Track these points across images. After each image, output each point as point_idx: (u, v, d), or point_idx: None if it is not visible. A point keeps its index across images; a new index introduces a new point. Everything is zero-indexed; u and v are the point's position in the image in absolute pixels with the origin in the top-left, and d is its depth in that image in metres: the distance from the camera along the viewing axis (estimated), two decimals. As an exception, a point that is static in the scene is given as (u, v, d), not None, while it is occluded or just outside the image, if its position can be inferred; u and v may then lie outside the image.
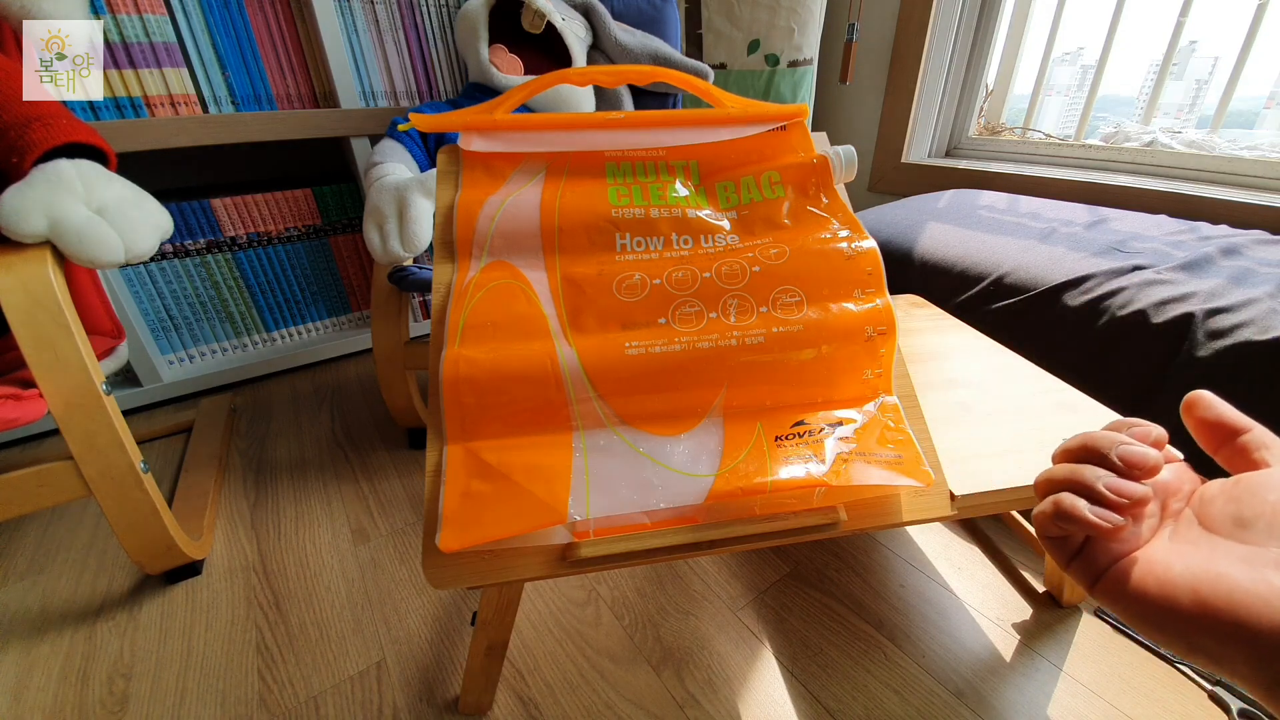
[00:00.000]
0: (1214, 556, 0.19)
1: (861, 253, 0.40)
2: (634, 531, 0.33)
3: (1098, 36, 1.17)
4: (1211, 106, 1.08)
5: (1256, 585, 0.18)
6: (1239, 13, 0.99)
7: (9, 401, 0.51)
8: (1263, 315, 0.55)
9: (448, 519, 0.32)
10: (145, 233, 0.56)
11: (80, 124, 0.56)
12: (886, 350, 0.38)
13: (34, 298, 0.50)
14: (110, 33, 0.85)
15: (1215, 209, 0.90)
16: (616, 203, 0.41)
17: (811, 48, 1.21)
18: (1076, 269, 0.68)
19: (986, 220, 0.88)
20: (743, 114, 0.45)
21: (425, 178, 0.72)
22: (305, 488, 0.83)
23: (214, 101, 0.96)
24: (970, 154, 1.36)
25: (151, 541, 0.61)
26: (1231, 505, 0.21)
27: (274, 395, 1.09)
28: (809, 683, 0.54)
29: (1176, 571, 0.19)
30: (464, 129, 0.43)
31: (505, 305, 0.37)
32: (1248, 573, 0.18)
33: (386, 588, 0.66)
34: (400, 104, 1.11)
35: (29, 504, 0.55)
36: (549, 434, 0.35)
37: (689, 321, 0.37)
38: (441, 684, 0.55)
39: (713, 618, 0.61)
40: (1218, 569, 0.19)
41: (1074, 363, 0.64)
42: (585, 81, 0.47)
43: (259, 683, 0.55)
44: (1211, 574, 0.19)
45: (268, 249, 1.08)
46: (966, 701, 0.52)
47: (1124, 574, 0.21)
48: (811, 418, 0.36)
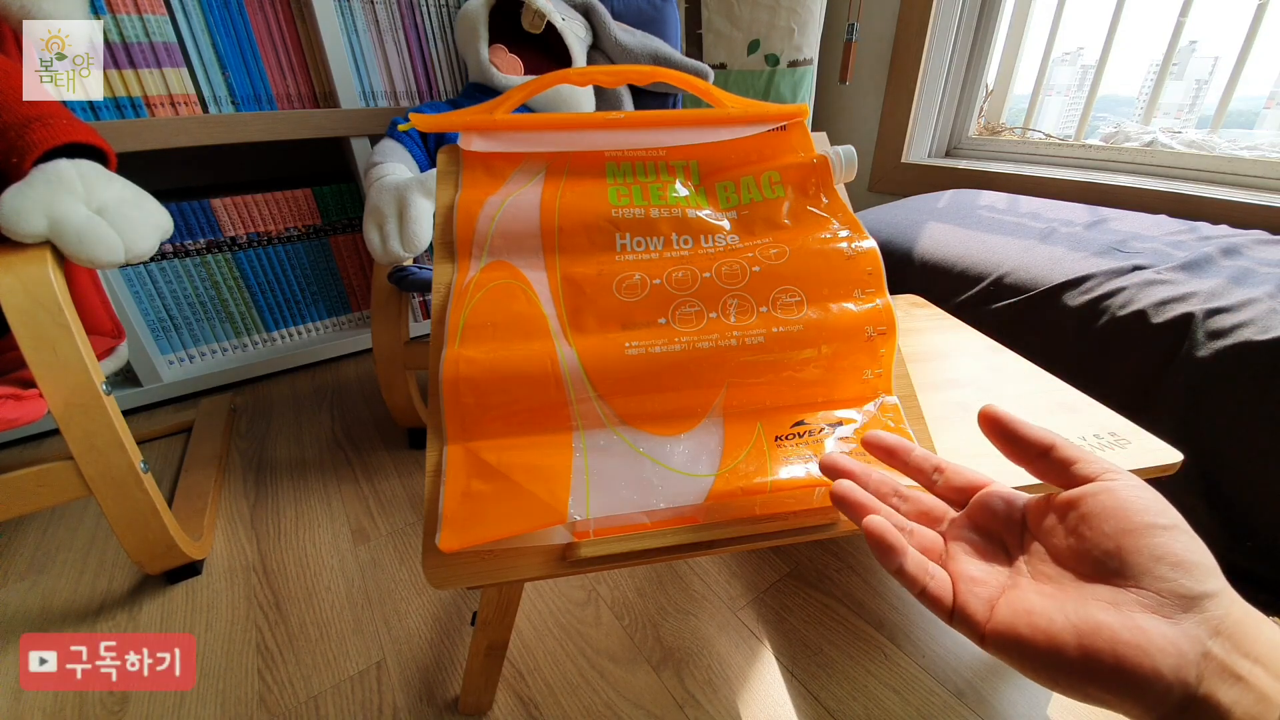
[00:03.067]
0: (1085, 603, 0.20)
1: (861, 253, 0.40)
2: (634, 531, 0.33)
3: (1098, 36, 1.17)
4: (1211, 106, 1.08)
5: (1133, 634, 0.18)
6: (1239, 13, 0.99)
7: (9, 401, 0.51)
8: (1263, 315, 0.55)
9: (448, 519, 0.32)
10: (145, 233, 0.56)
11: (80, 124, 0.56)
12: (886, 350, 0.38)
13: (34, 298, 0.50)
14: (110, 33, 0.85)
15: (1215, 209, 0.90)
16: (616, 203, 0.41)
17: (811, 48, 1.21)
18: (1076, 269, 0.68)
19: (986, 220, 0.88)
20: (743, 114, 0.45)
21: (425, 178, 0.72)
22: (305, 488, 0.83)
23: (214, 101, 0.96)
24: (970, 154, 1.36)
25: (151, 541, 0.61)
26: (1075, 540, 0.22)
27: (274, 395, 1.09)
28: (809, 683, 0.54)
29: (1058, 623, 0.20)
30: (464, 129, 0.43)
31: (505, 305, 0.37)
32: (1120, 619, 0.19)
33: (386, 588, 0.66)
34: (400, 104, 1.11)
35: (29, 504, 0.55)
36: (549, 434, 0.35)
37: (689, 321, 0.37)
38: (441, 684, 0.55)
39: (713, 618, 0.61)
40: (1097, 617, 0.19)
41: (1074, 363, 0.64)
42: (585, 81, 0.47)
43: (259, 683, 0.55)
44: (1091, 624, 0.19)
45: (268, 249, 1.08)
46: (966, 701, 0.52)
47: (1004, 623, 0.21)
48: (811, 418, 0.36)
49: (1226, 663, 0.18)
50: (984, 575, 0.23)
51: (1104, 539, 0.20)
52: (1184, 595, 0.19)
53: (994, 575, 0.23)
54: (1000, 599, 0.22)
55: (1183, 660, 0.18)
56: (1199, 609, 0.18)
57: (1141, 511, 0.20)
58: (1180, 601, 0.19)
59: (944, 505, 0.28)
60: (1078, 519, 0.22)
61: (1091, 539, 0.21)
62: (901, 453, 0.29)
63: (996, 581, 0.23)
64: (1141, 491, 0.21)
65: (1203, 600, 0.19)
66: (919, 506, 0.28)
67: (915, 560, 0.24)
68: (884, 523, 0.24)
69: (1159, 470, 0.40)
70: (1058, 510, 0.23)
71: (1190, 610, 0.18)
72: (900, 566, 0.24)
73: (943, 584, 0.23)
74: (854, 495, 0.27)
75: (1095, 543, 0.21)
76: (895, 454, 0.29)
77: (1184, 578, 0.19)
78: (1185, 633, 0.18)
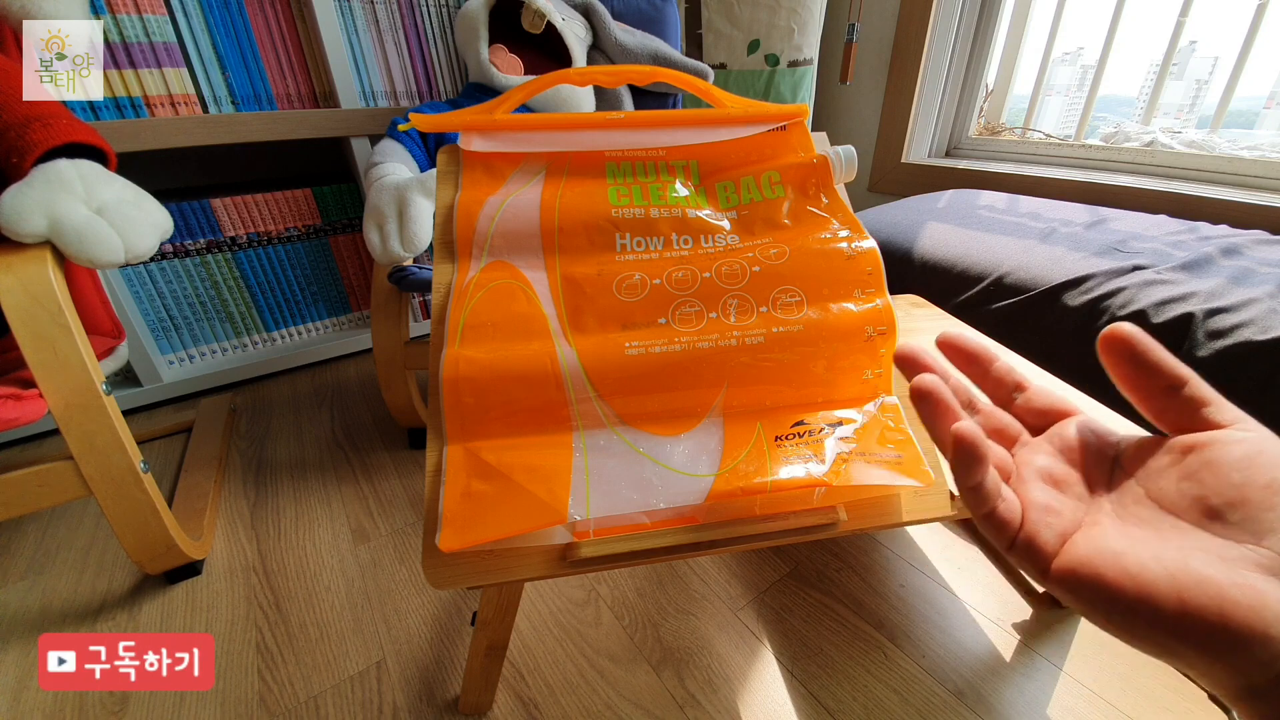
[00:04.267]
0: (1188, 552, 0.18)
1: (861, 253, 0.40)
2: (634, 531, 0.33)
3: (1098, 36, 1.17)
4: (1211, 106, 1.08)
5: (1245, 593, 0.16)
6: (1239, 13, 0.99)
7: (9, 401, 0.51)
8: (1263, 315, 0.55)
9: (448, 519, 0.32)
10: (145, 232, 0.56)
11: (80, 124, 0.56)
12: (886, 350, 0.38)
13: (34, 298, 0.50)
14: (110, 33, 0.85)
15: (1215, 209, 0.90)
16: (616, 203, 0.41)
17: (811, 48, 1.21)
18: (1076, 269, 0.68)
19: (986, 220, 0.88)
20: (743, 114, 0.45)
21: (425, 178, 0.72)
22: (305, 488, 0.83)
23: (214, 101, 0.96)
24: (970, 154, 1.36)
25: (151, 541, 0.61)
26: (1191, 485, 0.19)
27: (274, 395, 1.09)
28: (809, 683, 0.54)
29: (1152, 571, 0.18)
30: (464, 129, 0.43)
31: (505, 305, 0.37)
32: (1231, 575, 0.17)
33: (386, 588, 0.66)
34: (400, 104, 1.11)
35: (29, 504, 0.55)
36: (549, 434, 0.35)
37: (689, 321, 0.37)
38: (441, 684, 0.55)
39: (713, 618, 0.61)
40: (1200, 570, 0.17)
41: (1074, 362, 0.64)
42: (585, 81, 0.47)
43: (259, 683, 0.55)
44: (1195, 576, 0.17)
45: (268, 249, 1.08)
46: (966, 701, 0.52)
47: (1081, 560, 0.19)
48: (811, 418, 0.36)
49: None
50: (1059, 505, 0.21)
51: (1229, 488, 0.18)
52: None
53: (1070, 508, 0.21)
54: (1077, 534, 0.20)
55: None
56: None
57: (1278, 468, 0.18)
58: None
59: (1019, 426, 0.25)
60: (1200, 463, 0.19)
61: (1213, 486, 0.19)
62: (984, 359, 0.26)
63: (1072, 514, 0.21)
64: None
65: None
66: (992, 422, 0.25)
67: (994, 479, 0.21)
68: (976, 429, 0.21)
69: (1159, 470, 0.40)
70: (1175, 452, 0.20)
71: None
72: (979, 483, 0.21)
73: (1012, 506, 0.21)
74: (941, 394, 0.23)
75: (1217, 490, 0.19)
76: (976, 359, 0.26)
77: None
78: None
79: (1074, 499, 0.21)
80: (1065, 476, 0.22)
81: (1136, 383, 0.22)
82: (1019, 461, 0.23)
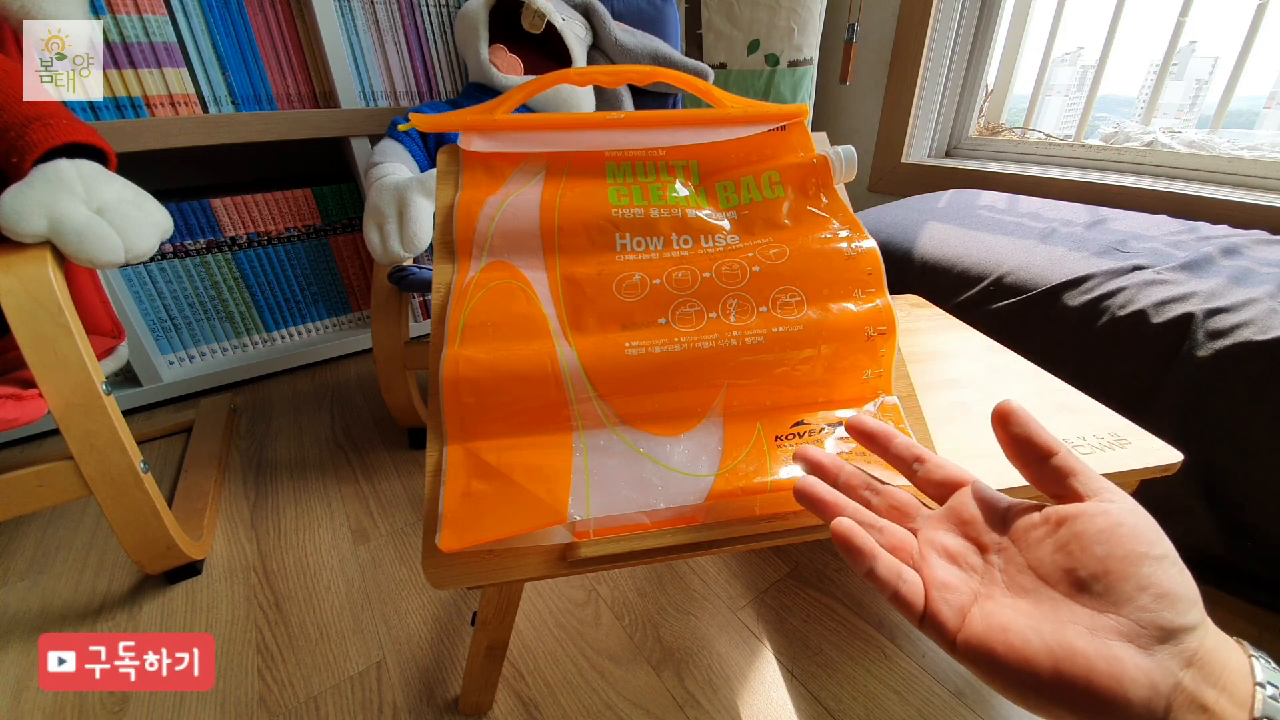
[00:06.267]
0: (1062, 625, 0.20)
1: (861, 253, 0.40)
2: (634, 531, 0.33)
3: (1098, 36, 1.17)
4: (1211, 106, 1.08)
5: (1109, 663, 0.18)
6: (1239, 13, 0.99)
7: (9, 401, 0.51)
8: (1263, 315, 0.55)
9: (448, 519, 0.32)
10: (145, 233, 0.56)
11: (80, 124, 0.56)
12: (886, 350, 0.38)
13: (34, 298, 0.50)
14: (110, 33, 0.85)
15: (1215, 209, 0.90)
16: (616, 203, 0.41)
17: (811, 48, 1.21)
18: (1076, 269, 0.68)
19: (986, 220, 0.88)
20: (743, 114, 0.45)
21: (425, 178, 0.72)
22: (305, 488, 0.83)
23: (214, 101, 0.96)
24: (970, 154, 1.36)
25: (151, 541, 0.61)
26: (1062, 557, 0.21)
27: (274, 395, 1.09)
28: (809, 683, 0.54)
29: (1033, 645, 0.20)
30: (464, 129, 0.43)
31: (505, 305, 0.37)
32: (1096, 646, 0.19)
33: (386, 588, 0.66)
34: (400, 104, 1.11)
35: (29, 504, 0.55)
36: (549, 434, 0.35)
37: (689, 321, 0.37)
38: (441, 684, 0.55)
39: (713, 618, 0.61)
40: (1072, 642, 0.19)
41: (1074, 363, 0.64)
42: (585, 81, 0.47)
43: (259, 683, 0.55)
44: (1067, 649, 0.19)
45: (268, 249, 1.08)
46: (966, 701, 0.52)
47: (977, 637, 0.21)
48: (811, 418, 0.36)
49: (1195, 694, 0.18)
50: (956, 581, 0.23)
51: (1093, 561, 0.20)
52: (1164, 627, 0.19)
53: (967, 581, 0.23)
54: (973, 608, 0.22)
55: (1154, 693, 0.18)
56: (1176, 640, 0.19)
57: (1135, 539, 0.20)
58: (1159, 633, 0.19)
59: (917, 502, 0.27)
60: (1069, 536, 0.22)
61: (1080, 559, 0.21)
62: (883, 438, 0.29)
63: (969, 588, 0.23)
64: (1139, 518, 0.21)
65: (1181, 633, 0.19)
66: (892, 501, 0.28)
67: (886, 564, 0.24)
68: (852, 525, 0.24)
69: (1159, 470, 0.40)
70: (1050, 523, 0.23)
71: (1167, 642, 0.19)
72: (870, 570, 0.23)
73: (914, 588, 0.23)
74: (817, 492, 0.27)
75: (1083, 563, 0.21)
76: (876, 439, 0.29)
77: (1167, 610, 0.19)
78: (1159, 664, 0.18)
79: (970, 571, 0.24)
80: (960, 550, 0.25)
81: (1016, 452, 0.25)
82: (922, 540, 0.25)
